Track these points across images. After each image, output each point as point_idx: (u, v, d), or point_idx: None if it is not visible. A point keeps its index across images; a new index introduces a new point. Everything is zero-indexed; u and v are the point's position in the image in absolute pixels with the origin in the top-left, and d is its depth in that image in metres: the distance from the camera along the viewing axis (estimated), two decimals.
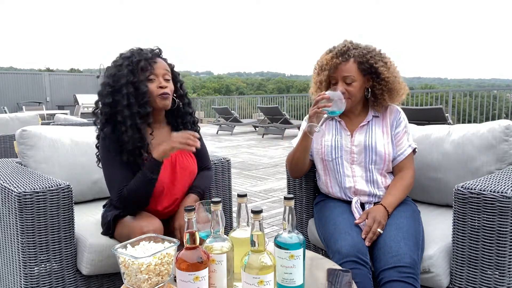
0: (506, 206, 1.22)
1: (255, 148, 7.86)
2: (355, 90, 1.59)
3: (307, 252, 1.31)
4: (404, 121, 1.68)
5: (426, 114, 6.67)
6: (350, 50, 1.59)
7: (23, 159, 1.85)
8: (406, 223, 1.44)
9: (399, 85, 1.63)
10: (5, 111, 11.25)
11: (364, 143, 1.61)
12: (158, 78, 1.47)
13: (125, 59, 1.45)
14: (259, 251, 0.96)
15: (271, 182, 4.71)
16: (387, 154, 1.60)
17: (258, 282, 0.93)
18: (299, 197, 1.95)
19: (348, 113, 1.68)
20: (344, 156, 1.64)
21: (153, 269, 0.96)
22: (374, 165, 1.61)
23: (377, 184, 1.61)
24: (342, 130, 1.68)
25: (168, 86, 1.49)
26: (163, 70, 1.48)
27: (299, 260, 1.01)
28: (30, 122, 4.19)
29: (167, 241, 1.04)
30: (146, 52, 1.48)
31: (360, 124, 1.66)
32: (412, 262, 1.29)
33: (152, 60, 1.46)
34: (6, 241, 1.49)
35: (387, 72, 1.59)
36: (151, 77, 1.45)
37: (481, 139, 1.67)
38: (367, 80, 1.62)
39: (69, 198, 1.44)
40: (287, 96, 13.83)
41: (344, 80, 1.58)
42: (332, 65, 1.59)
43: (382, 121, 1.67)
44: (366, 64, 1.58)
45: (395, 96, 1.64)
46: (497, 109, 9.30)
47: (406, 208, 1.55)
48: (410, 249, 1.32)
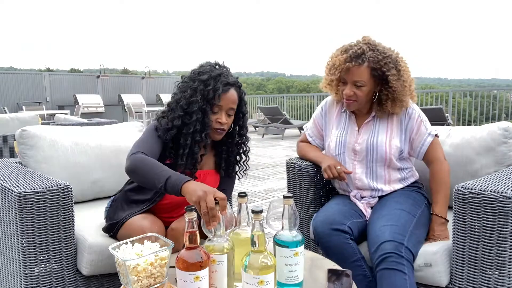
0: (506, 206, 1.22)
1: (255, 148, 7.86)
2: (363, 94, 1.58)
3: (307, 252, 1.32)
4: (415, 111, 1.63)
5: (426, 114, 6.62)
6: (365, 53, 1.54)
7: (23, 159, 1.85)
8: (397, 213, 1.46)
9: (405, 97, 1.59)
10: (5, 111, 11.25)
11: (366, 142, 1.62)
12: (221, 111, 1.45)
13: (201, 82, 1.43)
14: (260, 251, 0.96)
15: (271, 182, 4.71)
16: (388, 153, 1.59)
17: (259, 282, 0.94)
18: (299, 197, 1.95)
19: (357, 111, 1.70)
20: (347, 153, 1.67)
21: (142, 271, 0.95)
22: (375, 163, 1.62)
23: (381, 179, 1.62)
24: (351, 125, 1.70)
25: (227, 122, 1.47)
26: (229, 105, 1.45)
27: (302, 256, 1.03)
28: (30, 122, 4.19)
29: (164, 243, 1.04)
30: (221, 81, 1.44)
31: (365, 120, 1.67)
32: (395, 247, 1.31)
33: (222, 93, 1.43)
34: (6, 241, 1.49)
35: (396, 82, 1.55)
36: (215, 110, 1.44)
37: (480, 141, 1.67)
38: (376, 85, 1.60)
39: (69, 198, 1.43)
40: (287, 96, 13.83)
41: (354, 83, 1.57)
42: (344, 68, 1.56)
43: (387, 116, 1.64)
44: (379, 71, 1.55)
45: (397, 106, 1.60)
46: (497, 109, 9.30)
47: (402, 200, 1.55)
48: (394, 236, 1.34)
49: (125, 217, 1.45)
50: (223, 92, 1.43)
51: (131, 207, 1.49)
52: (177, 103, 1.46)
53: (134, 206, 1.49)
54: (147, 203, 1.48)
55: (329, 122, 1.79)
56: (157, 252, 0.99)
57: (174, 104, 1.47)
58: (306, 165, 1.87)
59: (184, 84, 1.48)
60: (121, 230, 1.45)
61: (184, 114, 1.43)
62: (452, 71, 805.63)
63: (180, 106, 1.44)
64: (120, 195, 1.58)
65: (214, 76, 1.44)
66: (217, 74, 1.45)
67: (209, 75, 1.44)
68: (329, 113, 1.80)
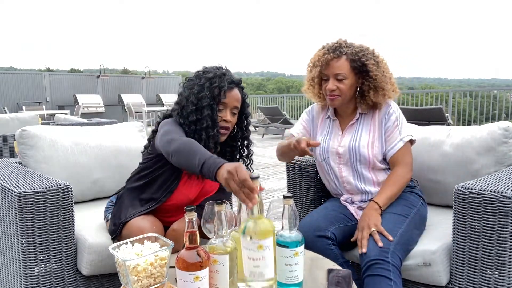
0: (506, 206, 1.22)
1: (255, 148, 7.84)
2: (346, 87, 1.58)
3: (307, 252, 1.32)
4: (395, 113, 1.62)
5: (426, 114, 6.67)
6: (343, 48, 1.58)
7: (23, 159, 1.85)
8: (385, 217, 1.46)
9: (386, 85, 1.59)
10: (5, 111, 11.24)
11: (348, 145, 1.62)
12: (226, 109, 1.47)
13: (207, 80, 1.46)
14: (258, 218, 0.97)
15: (271, 182, 4.71)
16: (371, 155, 1.59)
17: (258, 246, 0.95)
18: (299, 197, 1.95)
19: (341, 111, 1.70)
20: (331, 157, 1.66)
21: (142, 271, 0.96)
22: (359, 164, 1.61)
23: (367, 181, 1.62)
24: (334, 129, 1.70)
25: (232, 120, 1.49)
26: (234, 103, 1.48)
27: (302, 256, 1.03)
28: (30, 122, 4.19)
29: (164, 243, 1.04)
30: (226, 79, 1.47)
31: (349, 123, 1.66)
32: (380, 253, 1.30)
33: (227, 90, 1.45)
34: (6, 241, 1.49)
35: (375, 70, 1.57)
36: (220, 107, 1.46)
37: (480, 141, 1.67)
38: (358, 79, 1.60)
39: (69, 198, 1.43)
40: (287, 96, 13.82)
41: (336, 77, 1.57)
42: (323, 61, 1.58)
43: (370, 119, 1.64)
44: (358, 62, 1.57)
45: (380, 95, 1.59)
46: (497, 109, 9.30)
47: (393, 202, 1.55)
48: (382, 240, 1.34)
49: (129, 216, 1.44)
50: (229, 89, 1.46)
51: (136, 206, 1.49)
52: (187, 100, 1.47)
53: (139, 205, 1.49)
54: (152, 203, 1.48)
55: (315, 129, 1.78)
56: (157, 252, 0.99)
57: (184, 101, 1.48)
58: (306, 165, 1.87)
59: (191, 82, 1.50)
60: (123, 231, 1.45)
61: (195, 109, 1.44)
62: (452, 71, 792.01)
63: (190, 101, 1.45)
64: (124, 192, 1.57)
65: (219, 75, 1.47)
66: (222, 73, 1.48)
67: (214, 74, 1.47)
68: (316, 119, 1.78)
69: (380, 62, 1.61)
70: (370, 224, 1.41)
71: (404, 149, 1.59)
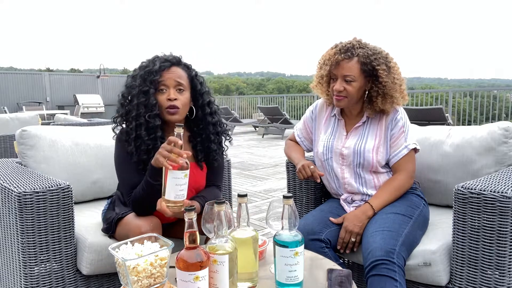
0: (506, 206, 1.22)
1: (255, 148, 7.86)
2: (354, 90, 1.56)
3: (307, 252, 1.32)
4: (402, 120, 1.60)
5: (426, 114, 6.67)
6: (355, 49, 1.55)
7: (23, 159, 1.85)
8: (390, 217, 1.46)
9: (395, 93, 1.57)
10: (5, 111, 11.24)
11: (353, 148, 1.61)
12: (169, 89, 1.41)
13: (141, 69, 1.44)
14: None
15: (271, 182, 4.71)
16: (375, 160, 1.58)
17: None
18: (299, 197, 1.95)
19: (347, 112, 1.69)
20: (334, 158, 1.66)
21: (142, 271, 0.96)
22: (361, 168, 1.61)
23: (368, 184, 1.62)
24: (339, 129, 1.69)
25: (179, 98, 1.41)
26: (174, 81, 1.42)
27: (302, 256, 1.02)
28: (30, 122, 4.19)
29: (164, 243, 1.04)
30: (161, 60, 1.43)
31: (355, 125, 1.65)
32: (386, 254, 1.30)
33: (163, 70, 1.41)
34: (6, 241, 1.49)
35: (386, 77, 1.54)
36: (162, 88, 1.42)
37: (480, 141, 1.67)
38: (367, 82, 1.58)
39: (69, 198, 1.43)
40: (287, 96, 13.83)
41: (344, 78, 1.56)
42: (334, 60, 1.56)
43: (377, 123, 1.63)
44: (369, 66, 1.54)
45: (388, 102, 1.57)
46: (497, 109, 9.30)
47: (397, 203, 1.55)
48: (385, 241, 1.33)
49: (121, 213, 1.44)
50: (162, 68, 1.42)
51: (126, 206, 1.49)
52: (123, 96, 1.46)
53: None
54: None
55: (318, 127, 1.77)
56: (157, 252, 0.99)
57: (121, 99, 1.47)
58: None
59: (128, 79, 1.48)
60: (118, 227, 1.45)
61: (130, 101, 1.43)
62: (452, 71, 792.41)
63: (122, 96, 1.45)
64: (116, 196, 1.58)
65: (151, 59, 1.46)
66: (154, 58, 1.46)
67: (147, 60, 1.47)
68: (319, 117, 1.78)
69: (392, 67, 1.57)
70: (353, 233, 1.47)
71: (408, 157, 1.59)
